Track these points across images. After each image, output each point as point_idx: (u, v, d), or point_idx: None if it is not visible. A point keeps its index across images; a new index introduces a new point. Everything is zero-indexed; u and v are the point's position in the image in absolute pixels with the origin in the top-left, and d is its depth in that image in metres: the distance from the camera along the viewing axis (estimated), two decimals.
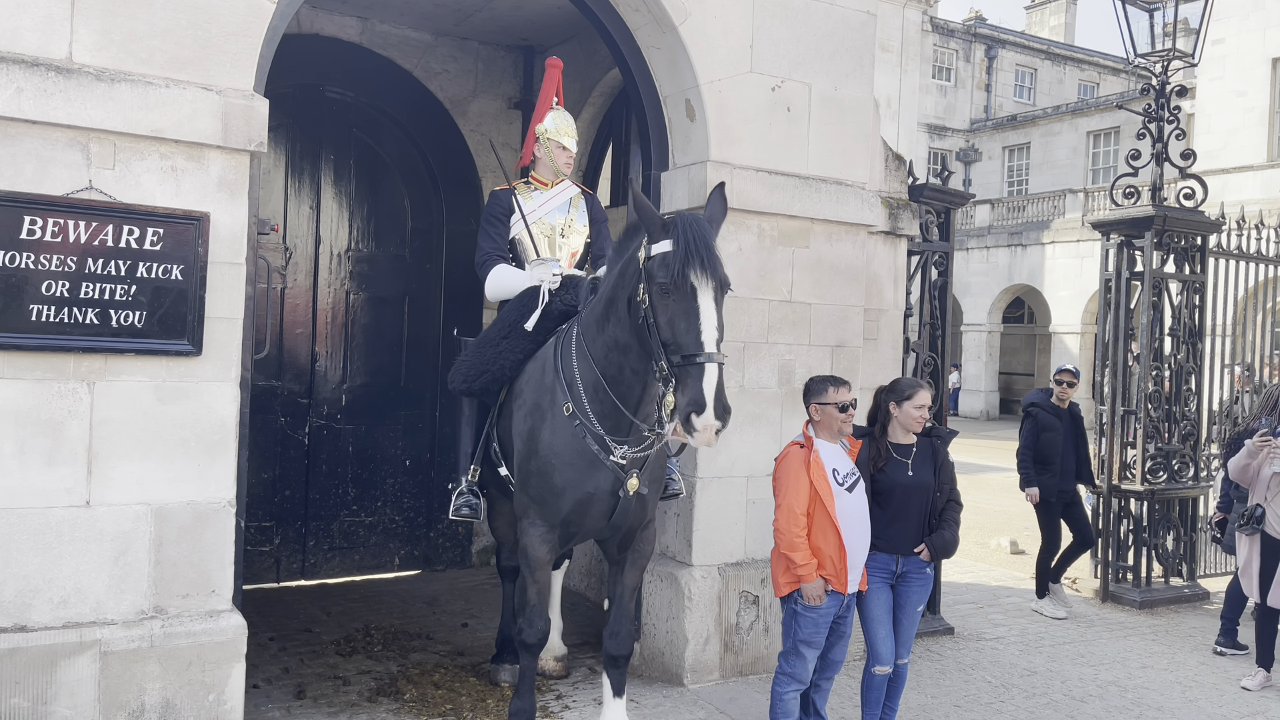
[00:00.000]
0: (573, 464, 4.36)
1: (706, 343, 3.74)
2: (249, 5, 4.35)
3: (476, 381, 4.87)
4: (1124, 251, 8.22)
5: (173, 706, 4.20)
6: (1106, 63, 38.21)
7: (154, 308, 4.15)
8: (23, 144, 3.93)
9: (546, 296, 4.87)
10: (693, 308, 3.78)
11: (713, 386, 3.67)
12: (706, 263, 3.80)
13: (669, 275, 3.79)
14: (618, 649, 4.59)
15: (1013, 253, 28.90)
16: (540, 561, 4.56)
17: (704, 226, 3.91)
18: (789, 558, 4.32)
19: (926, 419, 4.70)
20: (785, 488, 4.37)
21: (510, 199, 5.29)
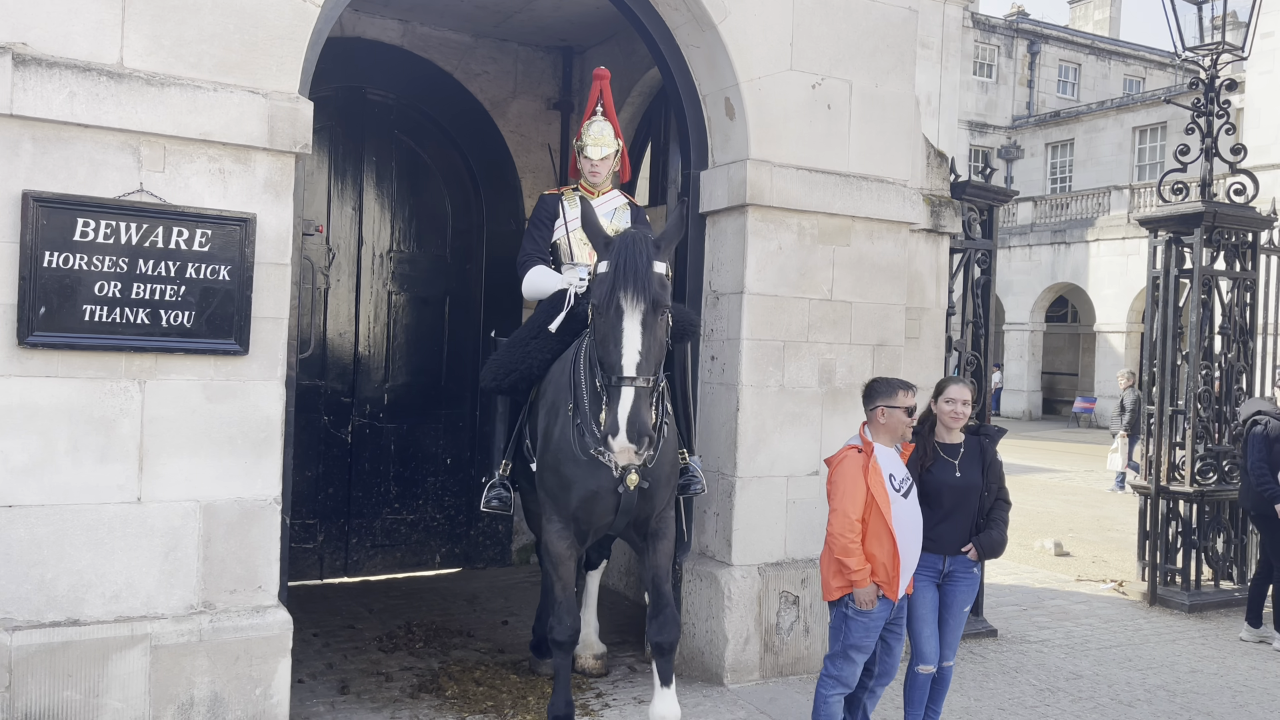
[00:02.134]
0: (576, 461, 4.45)
1: (625, 366, 3.86)
2: (294, 9, 4.41)
3: (505, 380, 4.98)
4: (1172, 248, 8.07)
5: (221, 700, 4.27)
6: (1152, 57, 37.56)
7: (202, 308, 4.22)
8: (75, 147, 4.02)
9: (572, 300, 4.97)
10: (618, 330, 3.91)
11: (626, 410, 3.80)
12: (635, 286, 3.90)
13: (600, 296, 3.97)
14: (661, 636, 4.61)
15: (1056, 251, 28.51)
16: (561, 557, 4.63)
17: (641, 247, 3.98)
18: (842, 562, 4.24)
19: (962, 414, 4.65)
20: (841, 492, 4.27)
21: (557, 204, 5.40)
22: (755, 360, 5.57)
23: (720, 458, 5.66)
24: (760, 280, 5.59)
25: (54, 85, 3.93)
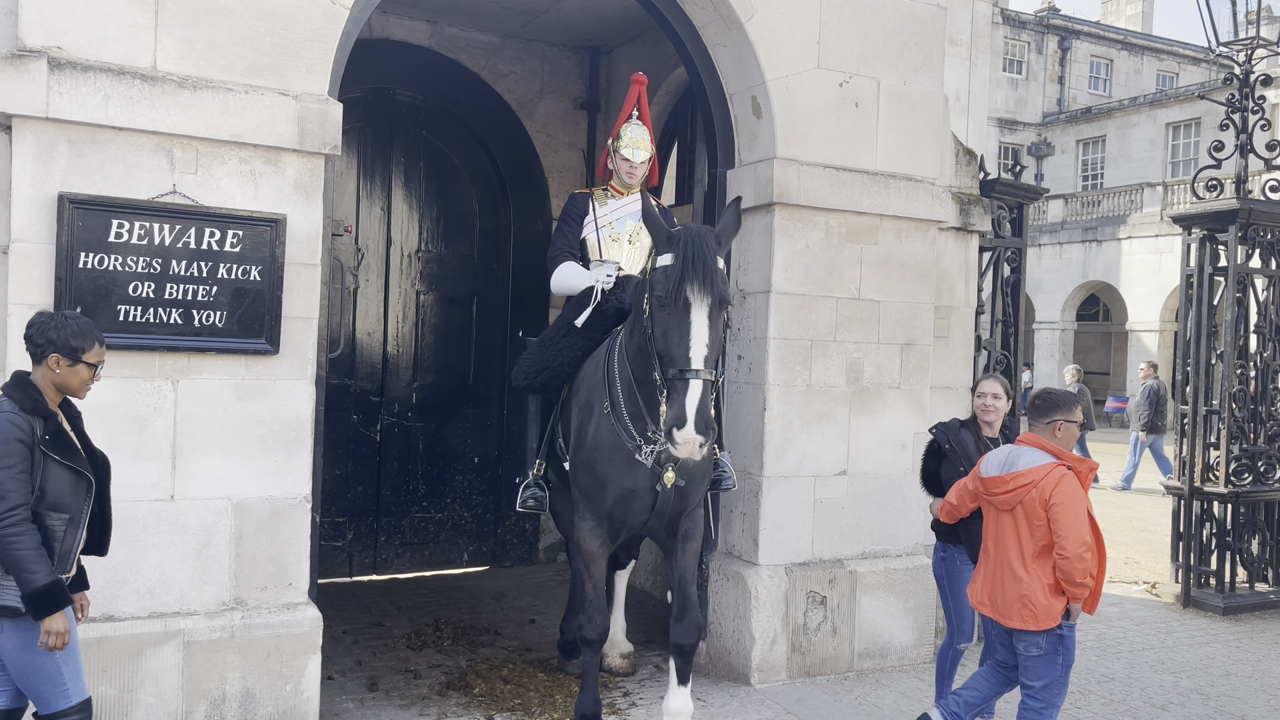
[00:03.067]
0: (611, 459, 4.44)
1: (694, 359, 3.82)
2: (324, 12, 4.45)
3: (537, 378, 4.99)
4: (1206, 246, 7.96)
5: (252, 696, 4.32)
6: (1186, 52, 37.02)
7: (234, 308, 4.27)
8: (110, 150, 4.08)
9: (599, 296, 4.99)
10: (685, 323, 3.86)
11: (695, 402, 3.76)
12: (703, 279, 3.86)
13: (666, 289, 3.90)
14: (683, 637, 4.59)
15: (1087, 249, 28.19)
16: (593, 555, 4.64)
17: (706, 241, 3.96)
18: (1078, 584, 4.03)
19: (991, 407, 4.82)
20: (1075, 512, 4.05)
21: (587, 202, 5.44)
22: (782, 360, 5.56)
23: (747, 457, 5.65)
24: (787, 279, 5.57)
25: (89, 88, 3.99)
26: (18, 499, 3.08)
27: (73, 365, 3.25)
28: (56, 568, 3.18)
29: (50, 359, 3.24)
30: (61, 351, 3.24)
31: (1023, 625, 4.13)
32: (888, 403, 5.93)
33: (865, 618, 5.83)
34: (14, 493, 3.08)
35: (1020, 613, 4.13)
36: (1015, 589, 4.14)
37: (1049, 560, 4.10)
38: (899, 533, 6.00)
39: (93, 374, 3.31)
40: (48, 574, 3.11)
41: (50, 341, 3.23)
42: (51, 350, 3.23)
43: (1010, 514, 4.18)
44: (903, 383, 5.98)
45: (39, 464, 3.16)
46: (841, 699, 5.44)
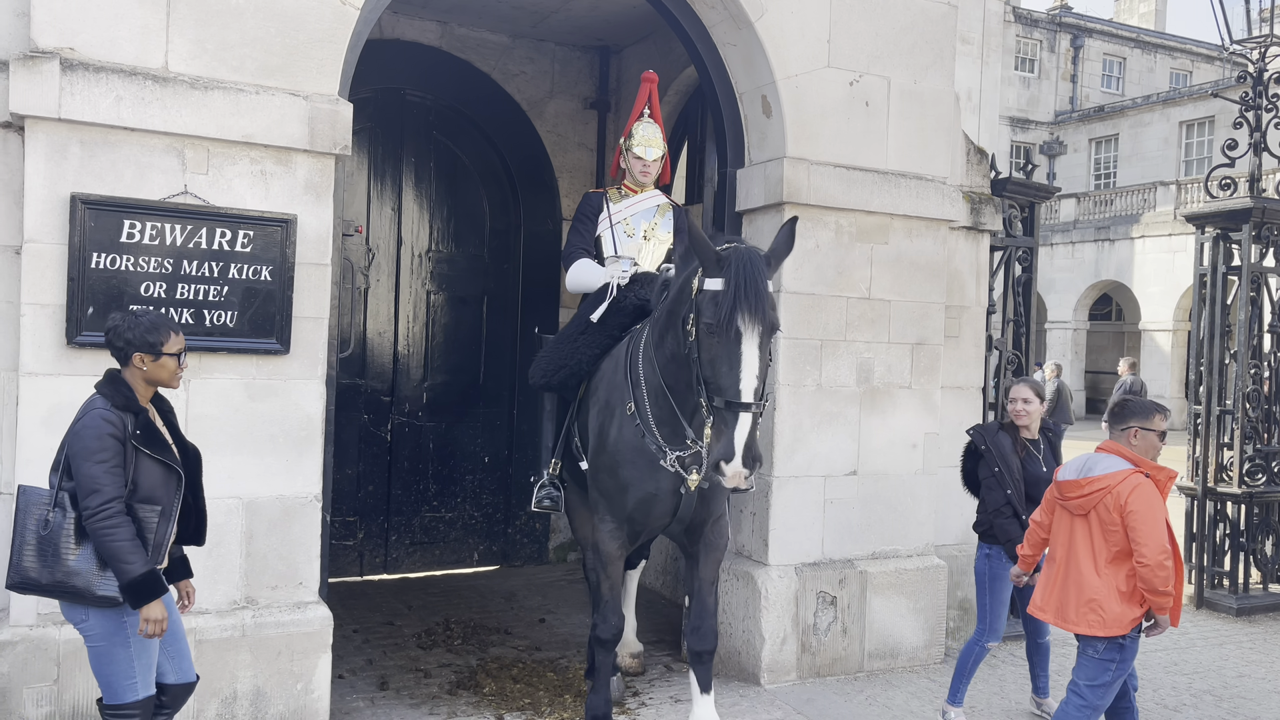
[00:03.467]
0: (634, 462, 4.40)
1: (744, 392, 3.72)
2: (334, 13, 4.46)
3: (555, 376, 4.93)
4: (1220, 245, 7.91)
5: (263, 694, 4.33)
6: (1200, 50, 36.81)
7: (244, 308, 4.29)
8: (122, 150, 4.10)
9: (615, 291, 4.96)
10: (735, 353, 3.75)
11: (743, 437, 3.68)
12: (755, 307, 3.74)
13: (716, 316, 3.77)
14: (700, 644, 4.56)
15: (1100, 248, 28.05)
16: (611, 556, 4.61)
17: (758, 266, 3.83)
18: (1158, 592, 4.00)
19: (1023, 411, 5.04)
20: (1153, 519, 4.02)
21: (600, 200, 5.40)
22: (792, 359, 5.55)
23: None
24: (797, 279, 5.56)
25: (101, 89, 4.01)
26: (112, 492, 3.18)
27: (156, 359, 3.35)
28: (150, 558, 3.26)
29: (135, 358, 3.34)
30: (141, 349, 3.33)
31: (1089, 631, 4.10)
32: (898, 403, 5.91)
33: (875, 618, 5.82)
34: (108, 486, 3.17)
35: (1088, 618, 4.10)
36: (1084, 594, 4.11)
37: (1122, 567, 4.07)
38: (910, 533, 5.98)
39: (178, 363, 3.40)
40: (143, 564, 3.21)
41: (129, 342, 3.33)
42: (133, 350, 3.33)
43: (1084, 519, 4.16)
44: (913, 383, 5.96)
45: (131, 458, 3.26)
46: (852, 699, 5.42)
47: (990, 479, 5.03)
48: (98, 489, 3.17)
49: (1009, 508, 4.96)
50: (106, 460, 3.19)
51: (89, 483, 3.18)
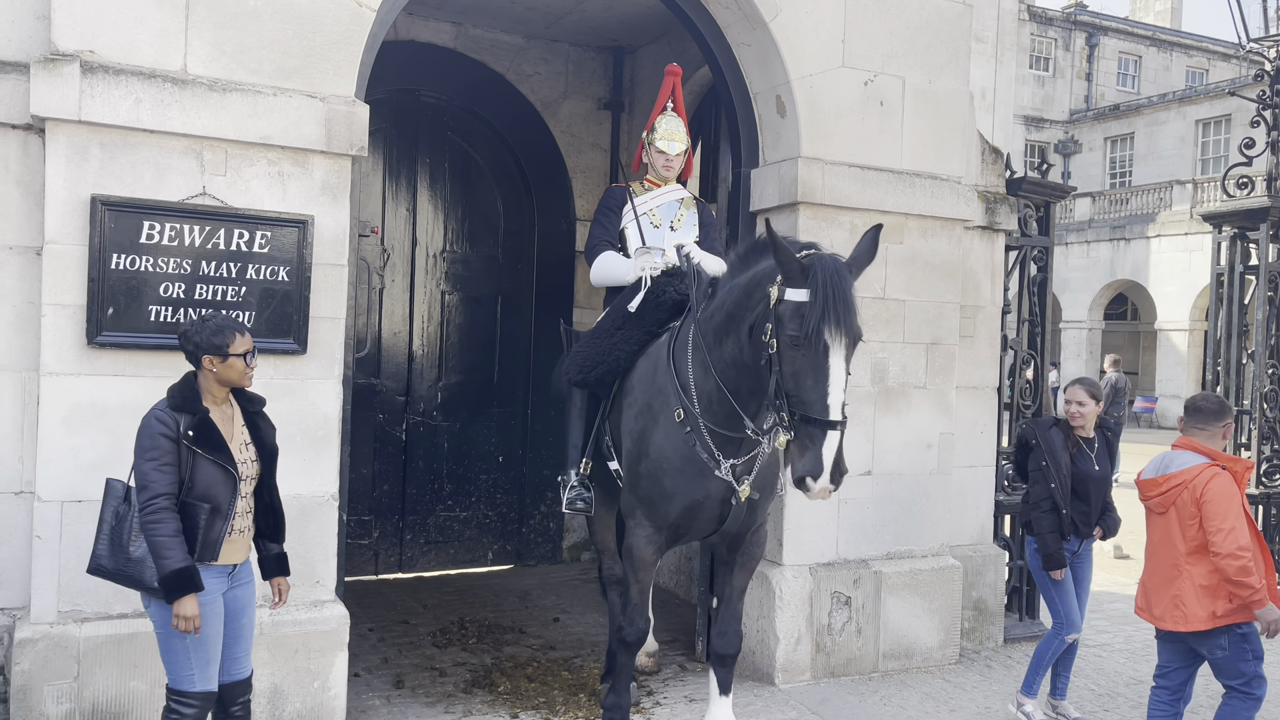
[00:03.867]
0: (683, 470, 4.26)
1: (832, 407, 3.58)
2: (351, 15, 4.49)
3: (592, 373, 4.78)
4: (1237, 244, 7.87)
5: (280, 692, 4.36)
6: (1216, 48, 36.57)
7: (262, 308, 4.32)
8: (141, 152, 4.13)
9: (648, 282, 4.82)
10: (823, 367, 3.59)
11: (832, 453, 3.56)
12: (842, 320, 3.59)
13: (802, 329, 3.59)
14: (725, 648, 4.53)
15: (1115, 247, 27.92)
16: (645, 562, 4.49)
17: (844, 278, 3.67)
18: (1240, 584, 4.01)
19: (1078, 414, 5.12)
20: (1228, 510, 4.06)
21: (624, 193, 5.30)
22: None
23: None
24: None
25: (120, 92, 4.05)
26: (158, 489, 3.30)
27: (224, 361, 3.45)
28: (201, 555, 3.37)
29: (204, 360, 3.45)
30: (209, 351, 3.44)
31: (1174, 626, 4.18)
32: (913, 403, 5.91)
33: (890, 618, 5.81)
34: (155, 483, 3.30)
35: (1172, 614, 4.18)
36: (1168, 590, 4.19)
37: (1203, 561, 4.11)
38: (924, 533, 5.97)
39: (245, 364, 3.49)
40: (179, 560, 3.29)
41: (198, 345, 3.45)
42: (201, 353, 3.45)
43: (1164, 517, 4.23)
44: (928, 382, 5.95)
45: (185, 457, 3.36)
46: (866, 699, 5.42)
47: (1036, 472, 5.13)
48: (146, 485, 3.32)
49: (1049, 501, 5.07)
50: (156, 458, 3.31)
51: (140, 478, 3.34)
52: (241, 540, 3.56)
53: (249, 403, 3.63)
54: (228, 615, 3.54)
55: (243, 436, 3.55)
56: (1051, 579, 5.10)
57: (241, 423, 3.57)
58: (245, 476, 3.52)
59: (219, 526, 3.42)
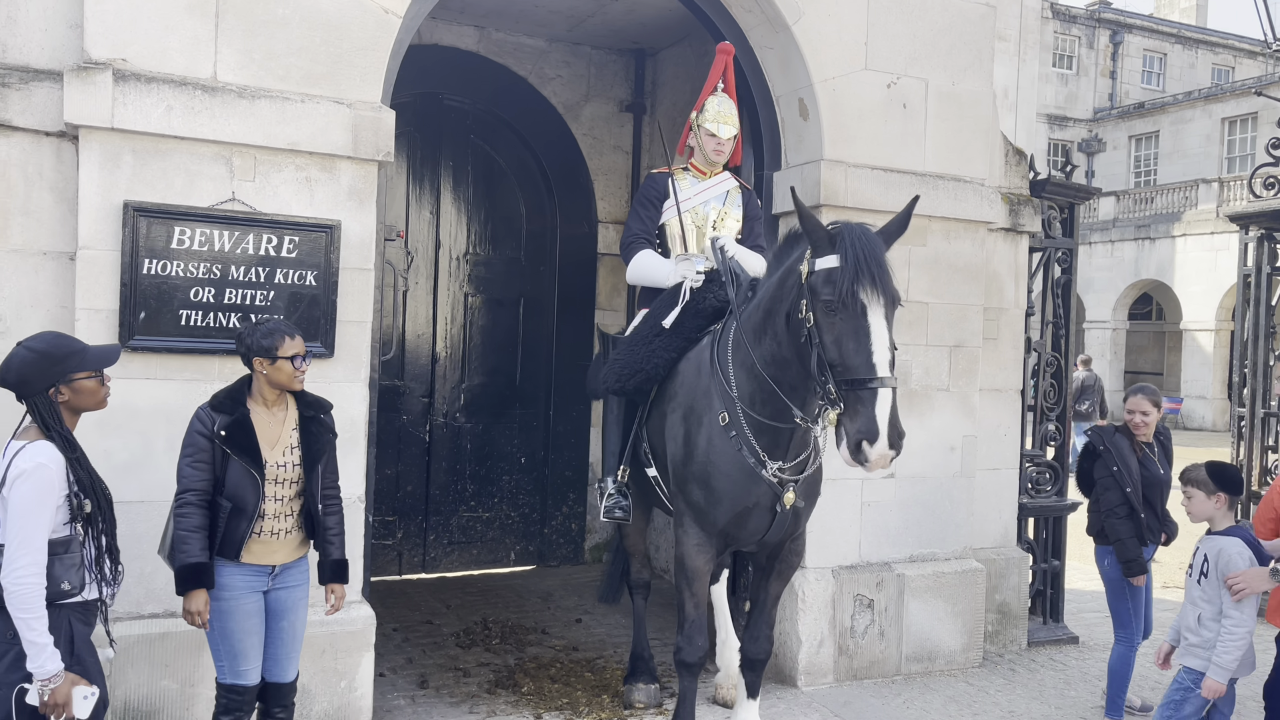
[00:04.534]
0: (730, 475, 4.17)
1: (879, 365, 3.50)
2: (377, 21, 4.53)
3: (630, 381, 4.65)
4: (1264, 245, 7.80)
5: (308, 692, 4.41)
6: (1242, 45, 36.17)
7: (290, 312, 4.37)
8: (172, 159, 4.19)
9: (687, 295, 4.65)
10: (863, 327, 3.53)
11: (886, 413, 3.45)
12: (878, 278, 3.54)
13: (836, 292, 3.53)
14: (756, 652, 4.50)
15: (1139, 246, 27.69)
16: (698, 572, 4.33)
17: (873, 239, 3.65)
18: None
19: (1141, 424, 5.19)
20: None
21: (666, 183, 5.00)
22: None
23: None
24: None
25: (152, 99, 4.11)
26: (187, 484, 3.46)
27: (273, 363, 3.54)
28: (223, 551, 3.48)
29: (255, 363, 3.56)
30: (259, 354, 3.54)
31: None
32: (936, 405, 5.90)
33: (913, 621, 5.80)
34: (186, 478, 3.47)
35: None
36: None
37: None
38: (947, 536, 5.96)
39: (293, 366, 3.57)
40: (192, 555, 3.41)
41: (249, 348, 3.56)
42: (252, 355, 3.56)
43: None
44: (952, 385, 5.94)
45: (219, 456, 3.47)
46: (889, 702, 5.42)
47: (1107, 477, 5.15)
48: (179, 479, 3.49)
49: (1124, 507, 5.10)
50: (191, 455, 3.47)
51: (176, 473, 3.51)
52: (278, 543, 3.60)
53: (307, 407, 3.68)
54: (268, 616, 3.60)
55: (289, 440, 3.60)
56: (1129, 586, 5.13)
57: (293, 426, 3.62)
58: (279, 479, 3.56)
59: (241, 526, 3.47)
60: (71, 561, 3.05)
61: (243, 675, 3.56)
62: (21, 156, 4.18)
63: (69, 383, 3.11)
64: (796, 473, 4.19)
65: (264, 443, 3.54)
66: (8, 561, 2.92)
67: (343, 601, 3.80)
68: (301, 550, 3.70)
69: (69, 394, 3.12)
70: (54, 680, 2.96)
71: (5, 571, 2.92)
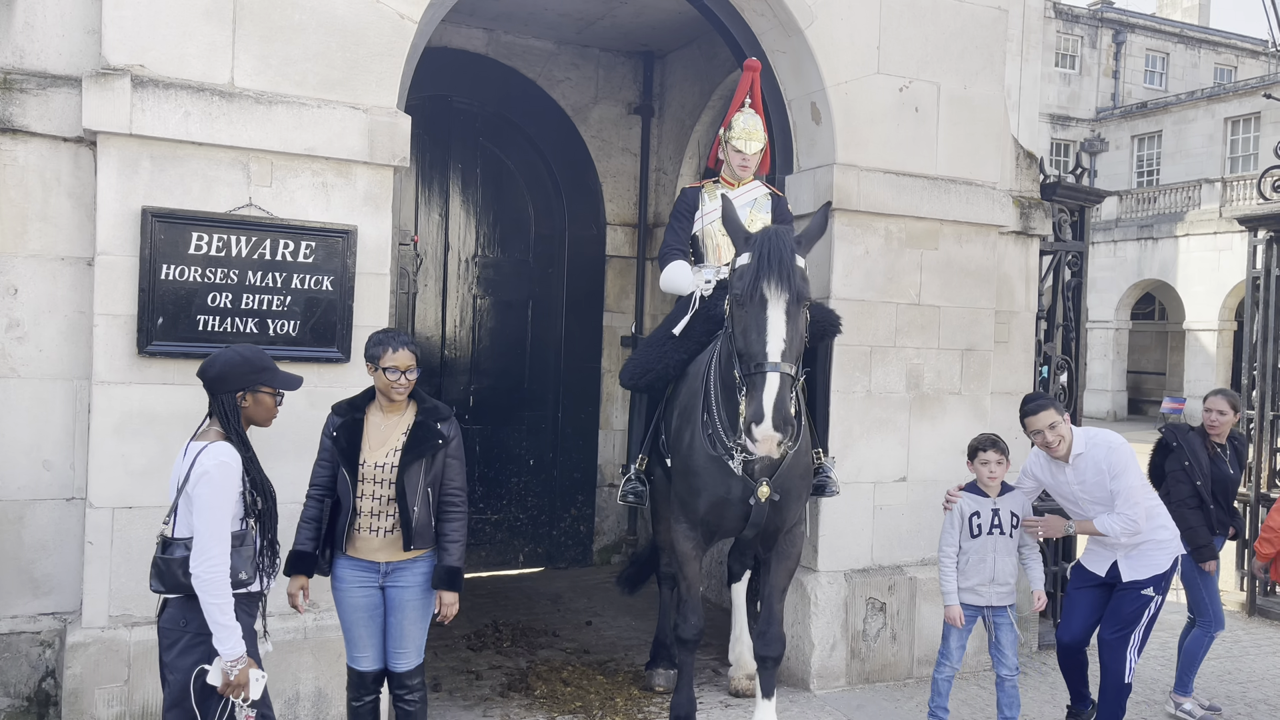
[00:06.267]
0: (706, 468, 4.42)
1: (770, 353, 3.78)
2: (393, 27, 4.54)
3: (641, 379, 4.97)
4: (1273, 248, 7.80)
5: (324, 696, 4.42)
6: (1244, 45, 36.15)
7: (307, 317, 4.37)
8: (189, 164, 4.20)
9: (697, 303, 4.92)
10: (761, 319, 3.85)
11: (772, 397, 3.70)
12: (779, 276, 3.86)
13: (742, 287, 3.91)
14: (766, 650, 4.60)
15: (1142, 246, 27.69)
16: (686, 556, 4.66)
17: (783, 240, 3.95)
18: None
19: (1218, 423, 5.50)
20: None
21: (697, 196, 5.25)
22: (841, 365, 5.55)
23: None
24: (847, 284, 5.57)
25: (170, 105, 4.11)
26: (311, 479, 3.79)
27: (375, 370, 3.71)
28: (334, 543, 3.74)
29: (367, 366, 3.76)
30: (368, 359, 3.75)
31: None
32: (948, 409, 5.90)
33: (925, 624, 5.81)
34: (312, 475, 3.80)
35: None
36: None
37: None
38: None
39: (387, 376, 3.69)
40: (299, 544, 3.74)
41: (366, 355, 3.76)
42: (366, 359, 3.76)
43: None
44: (963, 388, 5.95)
45: (336, 455, 3.72)
46: (902, 705, 5.42)
47: (1179, 471, 5.41)
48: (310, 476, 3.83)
49: (1195, 499, 5.38)
50: (319, 455, 3.81)
51: None
52: (378, 540, 3.73)
53: (422, 413, 3.82)
54: (386, 610, 3.80)
55: (396, 443, 3.73)
56: (1200, 574, 5.40)
57: (403, 430, 3.76)
58: (377, 479, 3.69)
59: (340, 521, 3.71)
60: (246, 554, 3.26)
61: (356, 660, 3.83)
62: (39, 162, 4.19)
63: (255, 391, 3.34)
64: (769, 466, 4.31)
65: (371, 445, 3.71)
66: (199, 550, 3.13)
67: (451, 610, 3.85)
68: (413, 554, 3.77)
69: (250, 402, 3.35)
70: (240, 662, 3.16)
71: (197, 560, 3.13)
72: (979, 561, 4.74)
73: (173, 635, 3.21)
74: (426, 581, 3.81)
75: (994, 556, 4.74)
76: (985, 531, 4.75)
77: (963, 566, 4.78)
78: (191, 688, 3.15)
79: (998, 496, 4.81)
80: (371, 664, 3.83)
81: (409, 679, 3.87)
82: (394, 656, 3.85)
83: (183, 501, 3.20)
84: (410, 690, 3.88)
